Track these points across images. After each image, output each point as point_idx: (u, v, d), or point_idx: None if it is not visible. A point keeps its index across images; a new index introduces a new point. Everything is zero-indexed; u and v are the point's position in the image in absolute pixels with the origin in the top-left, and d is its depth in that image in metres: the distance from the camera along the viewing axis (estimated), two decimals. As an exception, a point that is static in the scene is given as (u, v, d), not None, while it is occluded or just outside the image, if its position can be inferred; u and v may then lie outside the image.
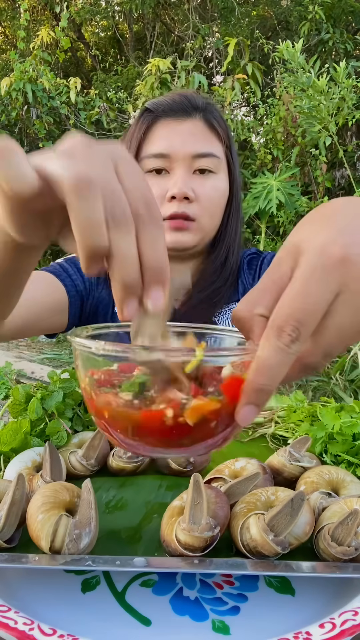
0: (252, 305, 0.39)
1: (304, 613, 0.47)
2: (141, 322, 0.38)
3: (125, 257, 0.36)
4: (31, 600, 0.48)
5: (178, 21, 6.77)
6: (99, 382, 0.41)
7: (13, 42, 7.45)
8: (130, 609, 0.47)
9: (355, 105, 3.60)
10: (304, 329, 0.35)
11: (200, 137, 1.02)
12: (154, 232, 0.37)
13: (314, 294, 0.35)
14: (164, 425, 0.38)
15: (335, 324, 0.37)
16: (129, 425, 0.40)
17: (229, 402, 0.38)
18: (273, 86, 5.02)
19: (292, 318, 0.35)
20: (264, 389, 0.37)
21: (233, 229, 1.10)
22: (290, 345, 0.35)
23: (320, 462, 0.65)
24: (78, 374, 0.43)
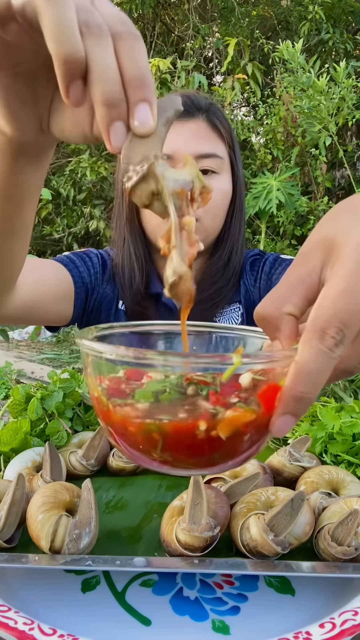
0: (280, 303, 0.36)
1: (304, 613, 0.47)
2: (130, 148, 0.35)
3: (104, 68, 0.34)
4: (31, 600, 0.48)
5: (178, 21, 6.77)
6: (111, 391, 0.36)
7: (13, 42, 7.43)
8: (130, 609, 0.47)
9: (355, 105, 3.60)
10: (349, 331, 0.32)
11: (204, 138, 1.01)
12: (134, 44, 0.35)
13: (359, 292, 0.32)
14: (194, 439, 0.33)
15: None
16: (152, 440, 0.34)
17: (265, 412, 0.34)
18: (273, 86, 5.02)
19: (336, 319, 0.32)
20: (305, 397, 0.33)
21: (236, 229, 1.09)
22: (333, 349, 0.32)
23: (320, 462, 0.65)
24: (88, 382, 0.39)
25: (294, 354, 0.33)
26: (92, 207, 5.63)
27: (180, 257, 0.37)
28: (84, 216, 5.74)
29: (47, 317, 1.03)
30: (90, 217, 5.67)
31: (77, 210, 5.85)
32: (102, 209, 5.67)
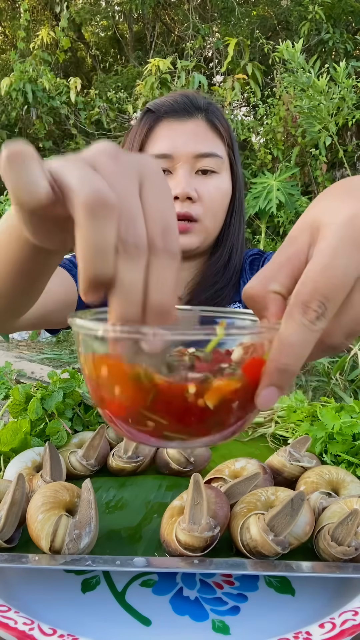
0: (266, 281, 0.36)
1: (304, 613, 0.47)
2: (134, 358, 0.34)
3: (129, 293, 0.32)
4: (31, 600, 0.48)
5: (178, 21, 6.77)
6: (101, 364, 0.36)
7: (13, 42, 7.44)
8: (130, 609, 0.47)
9: (355, 105, 3.60)
10: (331, 305, 0.33)
11: (203, 137, 1.01)
12: (166, 266, 0.33)
13: (341, 267, 0.33)
14: (183, 404, 0.34)
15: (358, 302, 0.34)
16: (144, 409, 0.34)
17: (250, 384, 0.35)
18: (273, 86, 5.02)
19: (318, 293, 0.33)
20: (288, 369, 0.34)
21: (236, 229, 1.10)
22: (315, 322, 0.33)
23: (320, 462, 0.65)
24: (80, 360, 0.38)
25: (278, 328, 0.34)
26: (92, 207, 5.63)
27: None
28: (84, 216, 5.73)
29: (53, 324, 1.04)
30: (90, 217, 5.67)
31: (77, 210, 5.84)
32: (102, 209, 5.66)
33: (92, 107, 5.44)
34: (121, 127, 5.53)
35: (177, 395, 0.34)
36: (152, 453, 0.66)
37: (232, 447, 0.75)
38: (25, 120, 5.58)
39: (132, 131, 1.08)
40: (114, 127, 5.52)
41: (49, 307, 0.94)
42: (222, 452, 0.73)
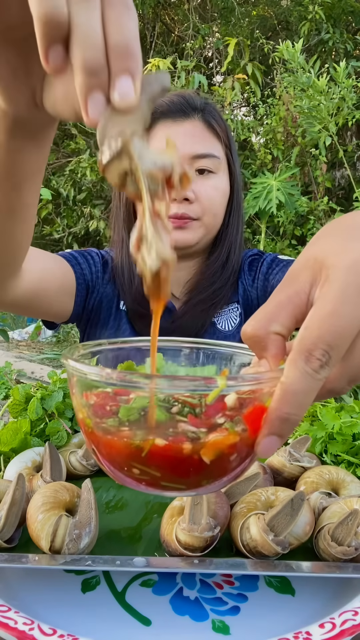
0: (267, 322, 0.35)
1: (304, 613, 0.47)
2: (107, 122, 0.33)
3: (86, 31, 0.31)
4: (31, 600, 0.48)
5: (178, 21, 6.77)
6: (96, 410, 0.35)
7: (13, 42, 7.43)
8: (130, 609, 0.47)
9: (355, 105, 3.60)
10: (335, 353, 0.32)
11: (199, 138, 1.01)
12: (123, 12, 0.32)
13: (347, 315, 0.32)
14: (177, 462, 0.33)
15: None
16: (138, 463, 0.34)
17: (250, 433, 0.34)
18: (273, 86, 5.02)
19: (322, 341, 0.31)
20: (290, 418, 0.33)
21: (234, 229, 1.09)
22: (319, 370, 0.32)
23: (320, 462, 0.65)
24: (74, 402, 0.38)
25: (280, 375, 0.33)
26: (92, 207, 5.63)
27: (161, 242, 0.35)
28: (84, 216, 5.74)
29: (49, 310, 1.02)
30: (90, 217, 5.67)
31: (77, 210, 5.85)
32: (102, 209, 5.67)
33: (92, 107, 5.43)
34: (121, 127, 5.51)
35: (172, 452, 0.33)
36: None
37: (232, 447, 0.75)
38: (25, 120, 5.57)
39: None
40: (114, 127, 5.51)
41: (46, 283, 0.93)
42: (222, 452, 0.73)
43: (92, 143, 5.62)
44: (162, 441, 0.32)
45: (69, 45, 0.32)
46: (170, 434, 0.33)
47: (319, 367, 0.32)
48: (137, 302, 1.07)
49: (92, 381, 0.34)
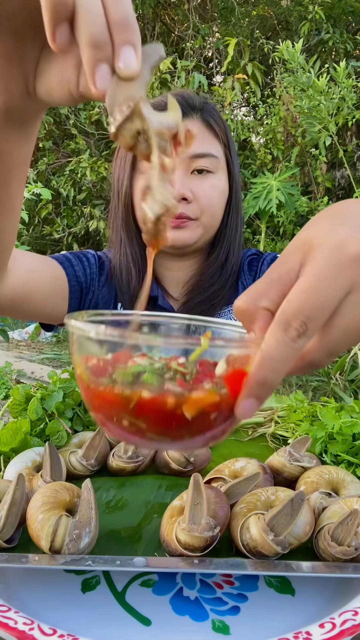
0: (256, 297, 0.38)
1: (304, 613, 0.47)
2: (114, 91, 0.36)
3: (90, 10, 0.35)
4: (31, 600, 0.48)
5: (178, 21, 6.77)
6: (94, 370, 0.38)
7: (13, 42, 7.43)
8: (130, 609, 0.47)
9: (355, 105, 3.60)
10: (312, 325, 0.34)
11: (198, 138, 1.01)
12: None
13: (325, 290, 0.34)
14: (161, 415, 0.36)
15: (343, 322, 0.36)
16: (126, 414, 0.37)
17: (230, 395, 0.37)
18: (273, 86, 5.02)
19: (301, 313, 0.34)
20: (267, 382, 0.35)
21: (233, 229, 1.09)
22: (296, 340, 0.34)
23: (320, 462, 0.65)
24: (73, 360, 0.40)
25: (260, 343, 0.35)
26: (92, 207, 5.63)
27: (166, 191, 0.38)
28: (84, 216, 5.74)
29: (41, 312, 1.02)
30: (90, 217, 5.67)
31: (77, 210, 5.85)
32: (102, 209, 5.67)
33: (92, 107, 5.44)
34: (121, 127, 5.51)
35: (157, 405, 0.35)
36: (152, 453, 0.66)
37: (232, 447, 0.75)
38: (25, 120, 5.57)
39: None
40: (114, 127, 5.51)
41: (34, 285, 0.92)
42: (222, 452, 0.73)
43: (92, 143, 5.62)
44: (149, 394, 0.35)
45: (75, 24, 0.36)
46: (157, 389, 0.36)
47: (297, 336, 0.34)
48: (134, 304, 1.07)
49: (87, 338, 0.38)
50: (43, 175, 5.66)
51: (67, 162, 5.71)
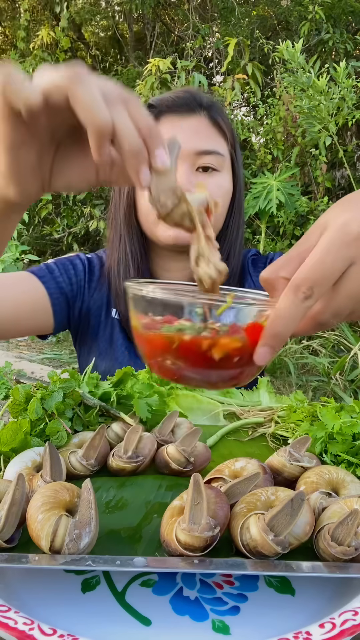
0: (278, 269, 0.46)
1: (304, 613, 0.47)
2: (157, 183, 0.46)
3: (128, 128, 0.44)
4: (31, 600, 0.48)
5: (178, 21, 6.77)
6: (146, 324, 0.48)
7: (13, 42, 7.44)
8: (130, 609, 0.47)
9: (355, 105, 3.60)
10: (317, 289, 0.42)
11: (205, 134, 1.00)
12: (138, 105, 0.46)
13: (330, 262, 0.42)
14: (196, 355, 0.46)
15: (346, 289, 0.43)
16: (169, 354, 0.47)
17: (250, 343, 0.45)
18: (273, 86, 5.02)
19: (309, 280, 0.42)
20: (279, 334, 0.43)
21: (234, 230, 1.08)
22: (304, 301, 0.42)
23: (320, 462, 0.65)
24: (130, 315, 0.52)
25: (275, 303, 0.44)
26: (92, 207, 5.63)
27: (215, 257, 0.49)
28: (84, 216, 5.74)
29: (28, 329, 1.02)
30: (90, 217, 5.67)
31: (77, 210, 5.85)
32: (102, 209, 5.67)
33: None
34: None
35: (194, 346, 0.45)
36: (152, 453, 0.66)
37: (232, 447, 0.75)
38: (25, 120, 5.57)
39: None
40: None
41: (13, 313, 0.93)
42: (222, 452, 0.73)
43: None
44: (188, 336, 0.45)
45: (116, 141, 0.44)
46: (194, 335, 0.45)
47: (304, 298, 0.42)
48: None
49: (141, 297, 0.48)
50: (43, 175, 5.65)
51: (67, 162, 5.70)
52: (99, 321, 1.10)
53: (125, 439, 0.66)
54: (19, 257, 3.40)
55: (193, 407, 0.83)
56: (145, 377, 0.82)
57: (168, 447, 0.66)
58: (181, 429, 0.73)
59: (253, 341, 0.45)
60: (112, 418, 0.75)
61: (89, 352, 1.12)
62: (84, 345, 1.14)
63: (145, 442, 0.66)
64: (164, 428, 0.71)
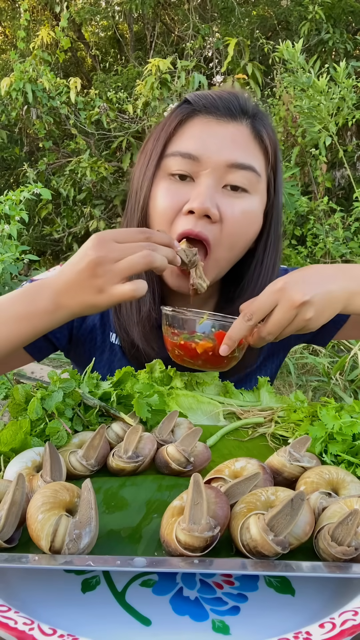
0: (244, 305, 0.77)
1: (304, 613, 0.47)
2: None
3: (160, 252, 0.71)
4: (31, 600, 0.48)
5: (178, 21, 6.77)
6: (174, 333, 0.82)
7: (13, 42, 7.44)
8: (130, 609, 0.47)
9: (355, 105, 3.60)
10: (255, 316, 0.74)
11: (242, 146, 0.85)
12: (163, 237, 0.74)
13: (263, 302, 0.74)
14: (189, 350, 0.80)
15: (272, 318, 0.73)
16: (179, 348, 0.81)
17: (218, 343, 0.78)
18: (273, 86, 5.02)
19: (250, 310, 0.74)
20: (232, 338, 0.75)
21: (270, 267, 0.94)
22: (247, 322, 0.74)
23: (320, 462, 0.65)
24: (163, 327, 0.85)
25: (233, 321, 0.76)
26: (92, 207, 5.63)
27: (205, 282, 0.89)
28: (84, 216, 5.74)
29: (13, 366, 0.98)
30: (90, 217, 5.67)
31: (77, 210, 5.85)
32: (102, 209, 5.67)
33: (92, 107, 5.44)
34: (121, 127, 5.52)
35: (187, 346, 0.81)
36: (152, 453, 0.66)
37: (232, 447, 0.75)
38: (25, 120, 5.58)
39: (161, 122, 0.92)
40: (114, 127, 5.52)
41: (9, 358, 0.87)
42: (222, 452, 0.73)
43: (92, 143, 5.62)
44: (184, 340, 0.81)
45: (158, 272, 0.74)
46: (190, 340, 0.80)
47: (247, 320, 0.74)
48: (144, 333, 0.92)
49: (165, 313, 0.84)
50: (43, 175, 5.66)
51: (67, 162, 5.71)
52: (94, 345, 1.01)
53: (125, 439, 0.66)
54: (19, 257, 3.41)
55: (193, 407, 0.83)
56: (145, 377, 0.82)
57: (168, 447, 0.66)
58: (181, 429, 0.73)
59: (220, 342, 0.77)
60: (112, 418, 0.75)
61: None
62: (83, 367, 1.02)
63: (145, 442, 0.66)
64: (164, 428, 0.71)
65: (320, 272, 0.76)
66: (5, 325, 0.75)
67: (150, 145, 0.91)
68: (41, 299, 0.74)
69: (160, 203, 0.86)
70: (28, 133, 5.98)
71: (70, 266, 0.72)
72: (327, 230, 4.24)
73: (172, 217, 0.85)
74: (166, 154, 0.87)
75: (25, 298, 0.75)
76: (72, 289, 0.72)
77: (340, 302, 0.76)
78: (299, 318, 0.73)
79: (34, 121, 5.47)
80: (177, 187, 0.86)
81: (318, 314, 0.73)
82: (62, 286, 0.72)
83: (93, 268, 0.68)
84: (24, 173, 5.44)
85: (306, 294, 0.71)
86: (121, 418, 0.73)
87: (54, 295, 0.73)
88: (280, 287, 0.72)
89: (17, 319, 0.75)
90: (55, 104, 5.32)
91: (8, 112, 5.52)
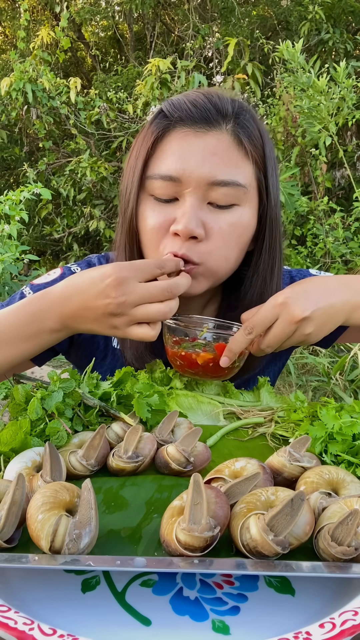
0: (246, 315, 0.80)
1: (304, 613, 0.47)
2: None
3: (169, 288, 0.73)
4: (31, 600, 0.48)
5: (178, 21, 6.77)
6: (175, 342, 0.84)
7: (13, 42, 7.44)
8: (130, 609, 0.47)
9: (355, 105, 3.60)
10: (256, 330, 0.76)
11: (224, 158, 0.80)
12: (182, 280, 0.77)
13: (264, 316, 0.76)
14: (190, 361, 0.82)
15: (272, 332, 0.76)
16: (180, 358, 0.83)
17: (218, 355, 0.80)
18: (273, 86, 5.02)
19: (251, 324, 0.76)
20: (232, 350, 0.78)
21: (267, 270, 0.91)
22: (247, 335, 0.76)
23: (320, 462, 0.65)
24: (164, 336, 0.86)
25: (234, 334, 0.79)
26: (92, 207, 5.63)
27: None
28: (84, 216, 5.74)
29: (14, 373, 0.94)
30: (90, 217, 5.67)
31: (77, 210, 5.85)
32: (102, 209, 5.66)
33: (92, 107, 5.44)
34: (121, 127, 5.53)
35: (189, 356, 0.82)
36: (152, 453, 0.66)
37: (232, 447, 0.75)
38: (25, 120, 5.58)
39: (139, 135, 0.88)
40: (114, 127, 5.52)
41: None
42: (222, 452, 0.73)
43: (92, 143, 5.62)
44: (185, 351, 0.83)
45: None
46: (191, 350, 0.83)
47: (248, 333, 0.76)
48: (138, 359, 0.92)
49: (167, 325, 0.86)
50: (43, 175, 5.66)
51: (67, 162, 5.71)
52: (96, 350, 1.00)
53: (125, 439, 0.66)
54: (19, 257, 3.41)
55: (193, 407, 0.83)
56: (145, 377, 0.82)
57: (168, 447, 0.66)
58: (181, 429, 0.73)
59: (220, 353, 0.80)
60: (112, 418, 0.75)
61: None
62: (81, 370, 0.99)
63: (145, 442, 0.66)
64: (164, 428, 0.71)
65: (323, 285, 0.78)
66: (12, 345, 0.77)
67: (133, 162, 0.87)
68: (48, 318, 0.76)
69: (147, 224, 0.85)
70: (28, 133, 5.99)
71: (85, 296, 0.72)
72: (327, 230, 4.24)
73: (160, 238, 0.84)
74: (147, 176, 0.84)
75: (31, 317, 0.76)
76: (83, 318, 0.74)
77: (342, 316, 0.78)
78: (298, 333, 0.75)
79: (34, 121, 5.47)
80: (162, 208, 0.83)
81: (318, 329, 0.76)
82: (73, 312, 0.74)
83: (111, 310, 0.71)
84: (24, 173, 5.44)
85: (306, 309, 0.73)
86: (121, 418, 0.73)
87: (63, 318, 0.75)
88: (282, 301, 0.74)
89: (23, 340, 0.77)
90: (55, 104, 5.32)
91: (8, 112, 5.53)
